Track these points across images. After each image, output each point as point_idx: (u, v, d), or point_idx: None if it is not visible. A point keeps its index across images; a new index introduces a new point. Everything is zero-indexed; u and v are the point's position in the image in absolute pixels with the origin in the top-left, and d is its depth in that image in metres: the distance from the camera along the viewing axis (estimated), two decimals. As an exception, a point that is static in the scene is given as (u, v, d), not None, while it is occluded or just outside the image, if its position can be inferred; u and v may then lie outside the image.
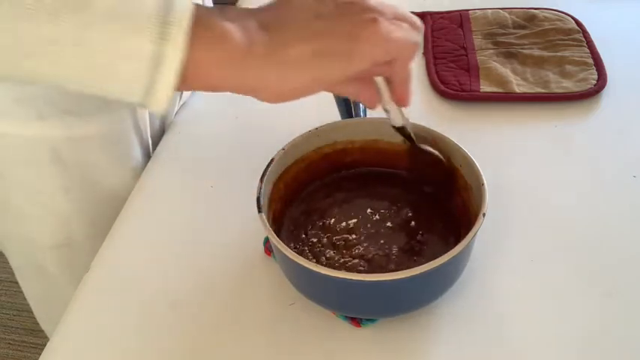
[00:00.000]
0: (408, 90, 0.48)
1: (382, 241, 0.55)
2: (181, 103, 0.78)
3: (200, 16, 0.38)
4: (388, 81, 0.48)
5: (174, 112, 0.77)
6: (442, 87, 0.76)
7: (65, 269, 0.72)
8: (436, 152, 0.56)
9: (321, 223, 0.57)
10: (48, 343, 0.54)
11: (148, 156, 0.73)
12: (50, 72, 0.38)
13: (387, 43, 0.42)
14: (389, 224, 0.57)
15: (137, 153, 0.71)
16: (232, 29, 0.40)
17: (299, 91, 0.42)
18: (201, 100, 0.80)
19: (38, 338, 1.48)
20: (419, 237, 0.55)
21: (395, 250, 0.54)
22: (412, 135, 0.55)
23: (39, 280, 0.77)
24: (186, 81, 0.39)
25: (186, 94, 0.78)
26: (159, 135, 0.75)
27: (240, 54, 0.40)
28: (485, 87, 0.76)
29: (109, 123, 0.66)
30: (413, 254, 0.54)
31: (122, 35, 0.36)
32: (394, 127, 0.53)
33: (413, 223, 0.57)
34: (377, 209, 0.58)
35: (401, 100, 0.49)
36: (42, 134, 0.63)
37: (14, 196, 0.68)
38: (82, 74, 0.38)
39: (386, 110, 0.51)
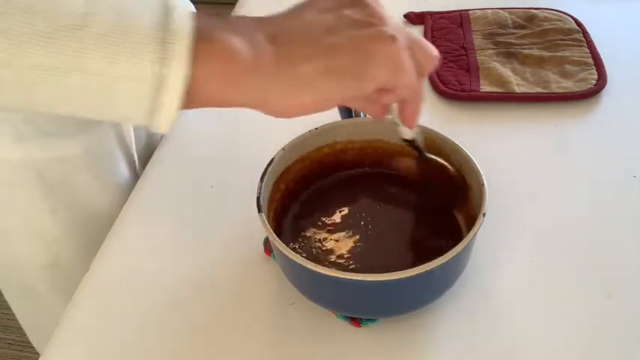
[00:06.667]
0: (415, 112, 0.46)
1: (382, 241, 0.55)
2: None
3: (201, 29, 0.36)
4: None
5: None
6: (442, 87, 0.76)
7: (55, 288, 0.70)
8: (446, 163, 0.55)
9: (321, 223, 0.57)
10: (48, 344, 0.54)
11: (134, 171, 0.71)
12: (51, 101, 0.36)
13: (397, 73, 0.40)
14: (389, 224, 0.57)
15: (123, 169, 0.70)
16: (237, 43, 0.37)
17: (306, 108, 0.40)
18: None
19: (38, 338, 1.47)
20: (419, 237, 0.55)
21: (395, 249, 0.54)
22: (421, 148, 0.54)
23: (28, 299, 0.75)
24: (191, 101, 0.37)
25: None
26: (145, 148, 0.73)
27: (247, 70, 0.37)
28: (486, 87, 0.76)
29: (91, 141, 0.64)
30: (413, 254, 0.54)
31: (120, 58, 0.34)
32: (403, 139, 0.52)
33: (413, 222, 0.57)
34: (377, 209, 0.58)
35: (405, 121, 0.48)
36: (24, 156, 0.61)
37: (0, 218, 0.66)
38: (82, 101, 0.36)
39: (395, 123, 0.50)
